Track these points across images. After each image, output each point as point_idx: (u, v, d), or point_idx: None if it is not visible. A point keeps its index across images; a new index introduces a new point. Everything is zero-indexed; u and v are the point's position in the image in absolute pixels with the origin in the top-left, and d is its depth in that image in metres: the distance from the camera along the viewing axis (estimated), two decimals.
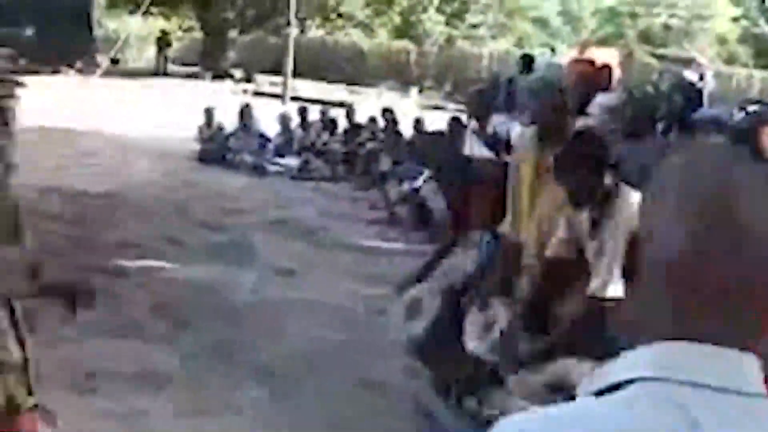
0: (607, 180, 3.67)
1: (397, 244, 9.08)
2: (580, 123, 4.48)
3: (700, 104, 5.06)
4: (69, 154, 12.69)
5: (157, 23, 35.65)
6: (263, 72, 29.53)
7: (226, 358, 5.43)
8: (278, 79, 25.15)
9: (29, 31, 30.80)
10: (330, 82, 28.84)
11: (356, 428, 4.67)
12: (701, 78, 5.88)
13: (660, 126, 4.80)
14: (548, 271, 3.97)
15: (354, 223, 10.09)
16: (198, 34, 35.19)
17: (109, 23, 37.31)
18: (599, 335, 3.49)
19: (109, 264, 7.11)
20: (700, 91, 5.37)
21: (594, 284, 3.64)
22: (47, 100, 15.62)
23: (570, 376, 3.53)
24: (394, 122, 12.51)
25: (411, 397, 4.86)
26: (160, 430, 4.49)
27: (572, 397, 0.99)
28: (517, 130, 5.87)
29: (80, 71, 29.20)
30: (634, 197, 3.60)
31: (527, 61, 11.86)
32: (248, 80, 29.30)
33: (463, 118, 8.90)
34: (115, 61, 30.37)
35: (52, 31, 30.22)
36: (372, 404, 4.90)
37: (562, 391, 3.48)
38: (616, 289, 3.57)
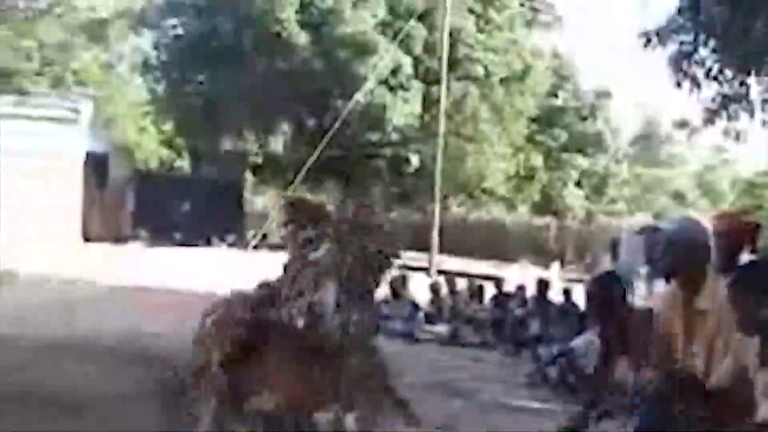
0: None
1: (550, 404, 9.36)
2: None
3: None
4: None
5: None
6: (407, 248, 30.43)
7: None
8: (419, 255, 25.92)
9: (185, 207, 32.98)
10: (472, 257, 29.49)
11: None
12: None
13: None
14: (714, 400, 4.09)
15: (506, 385, 10.44)
16: None
17: (256, 200, 39.40)
18: None
19: None
20: None
21: (763, 410, 3.72)
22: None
23: None
24: (546, 291, 12.93)
25: None
26: None
27: None
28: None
29: (232, 245, 30.86)
30: None
31: None
32: None
33: None
34: (264, 236, 31.93)
35: (206, 206, 32.29)
36: None
37: None
38: None
